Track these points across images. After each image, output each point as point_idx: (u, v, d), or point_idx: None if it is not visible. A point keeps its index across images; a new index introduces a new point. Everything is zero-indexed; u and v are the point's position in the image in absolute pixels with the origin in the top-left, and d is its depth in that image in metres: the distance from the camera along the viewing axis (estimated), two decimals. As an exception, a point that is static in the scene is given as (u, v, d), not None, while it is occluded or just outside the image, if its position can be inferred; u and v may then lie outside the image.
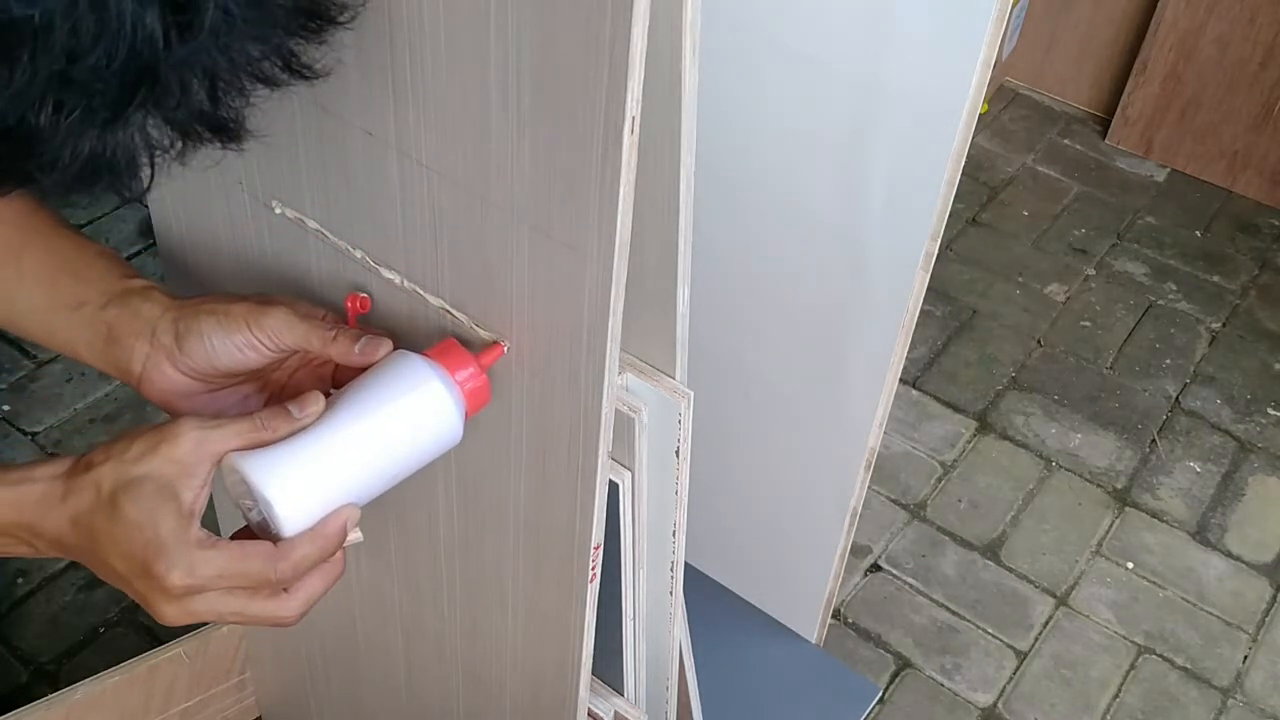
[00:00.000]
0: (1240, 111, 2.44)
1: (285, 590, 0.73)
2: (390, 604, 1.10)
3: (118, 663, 1.31)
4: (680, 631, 1.14)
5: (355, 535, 0.75)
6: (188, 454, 0.71)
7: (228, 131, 0.62)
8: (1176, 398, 2.10)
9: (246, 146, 0.65)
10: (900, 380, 1.39)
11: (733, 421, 1.51)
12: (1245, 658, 1.74)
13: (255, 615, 0.73)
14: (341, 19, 0.65)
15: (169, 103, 0.57)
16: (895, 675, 1.69)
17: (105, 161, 0.57)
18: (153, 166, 0.61)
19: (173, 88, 0.56)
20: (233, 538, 0.73)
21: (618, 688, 1.12)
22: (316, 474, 0.73)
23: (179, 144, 0.61)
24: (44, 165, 0.56)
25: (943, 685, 1.68)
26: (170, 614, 0.71)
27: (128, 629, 1.64)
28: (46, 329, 0.83)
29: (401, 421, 0.76)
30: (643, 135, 0.67)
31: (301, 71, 0.64)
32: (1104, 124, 2.64)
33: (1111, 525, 1.89)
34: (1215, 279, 2.33)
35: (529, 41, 0.66)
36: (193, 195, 0.96)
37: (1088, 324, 2.22)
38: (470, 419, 0.79)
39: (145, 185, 0.62)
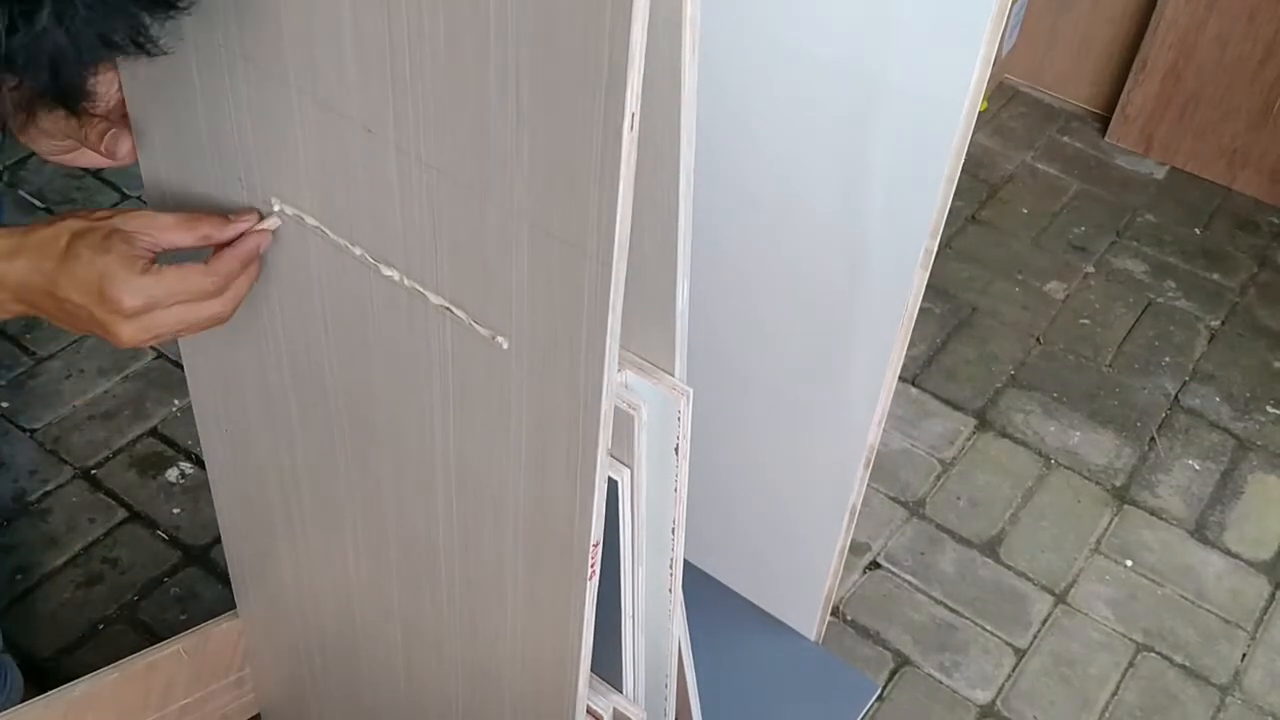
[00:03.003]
0: (1240, 109, 2.44)
1: (218, 296, 0.85)
2: (390, 601, 1.10)
3: (116, 660, 1.31)
4: (679, 628, 1.14)
5: (272, 221, 0.88)
6: (144, 220, 0.83)
7: (70, 100, 0.68)
8: (1176, 395, 2.10)
9: (86, 107, 0.72)
10: (899, 378, 1.39)
11: (732, 419, 1.51)
12: (1244, 655, 1.74)
13: (198, 320, 0.84)
14: (184, 5, 0.68)
15: (9, 82, 0.62)
16: (894, 673, 1.69)
17: None
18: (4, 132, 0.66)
19: (16, 68, 0.60)
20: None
21: (617, 685, 1.12)
22: None
23: (22, 115, 0.67)
24: None
25: (941, 683, 1.68)
26: (127, 333, 0.82)
27: (126, 626, 1.64)
28: None
29: None
30: (642, 132, 0.67)
31: (145, 48, 0.68)
32: (1104, 121, 2.63)
33: (1110, 523, 1.89)
34: (1215, 277, 2.33)
35: (528, 37, 0.66)
36: (191, 192, 0.95)
37: (1087, 322, 2.22)
38: (467, 415, 0.79)
39: None
